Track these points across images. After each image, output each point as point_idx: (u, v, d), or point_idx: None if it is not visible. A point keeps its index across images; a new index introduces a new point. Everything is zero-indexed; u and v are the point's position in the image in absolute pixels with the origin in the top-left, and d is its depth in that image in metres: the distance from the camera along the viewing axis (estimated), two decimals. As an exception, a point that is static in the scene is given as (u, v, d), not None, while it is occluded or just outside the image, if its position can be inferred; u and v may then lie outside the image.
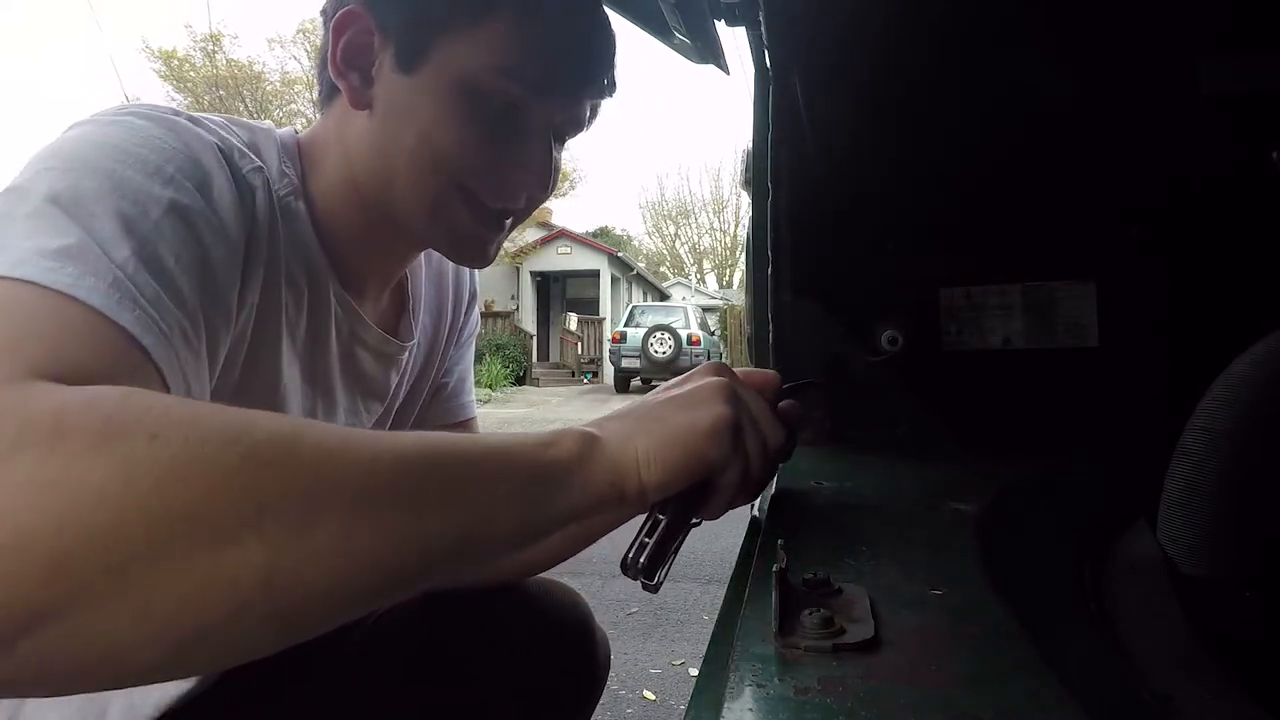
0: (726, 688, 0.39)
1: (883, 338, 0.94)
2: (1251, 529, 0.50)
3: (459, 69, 0.57)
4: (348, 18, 0.58)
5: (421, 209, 0.61)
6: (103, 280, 0.40)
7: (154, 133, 0.49)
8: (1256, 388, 0.51)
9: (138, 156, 0.47)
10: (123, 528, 0.28)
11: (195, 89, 13.93)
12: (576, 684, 0.86)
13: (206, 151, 0.51)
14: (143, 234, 0.44)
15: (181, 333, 0.45)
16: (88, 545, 0.28)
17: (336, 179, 0.62)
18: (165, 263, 0.45)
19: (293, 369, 0.61)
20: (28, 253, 0.39)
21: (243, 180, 0.54)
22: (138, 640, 0.29)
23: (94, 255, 0.41)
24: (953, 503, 0.71)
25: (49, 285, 0.38)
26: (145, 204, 0.46)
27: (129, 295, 0.41)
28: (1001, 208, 0.96)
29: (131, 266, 0.43)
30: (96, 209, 0.43)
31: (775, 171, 0.99)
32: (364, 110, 0.60)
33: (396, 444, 0.37)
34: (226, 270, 0.51)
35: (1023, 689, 0.39)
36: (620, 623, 2.68)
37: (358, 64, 0.59)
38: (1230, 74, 0.87)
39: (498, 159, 0.60)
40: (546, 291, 20.43)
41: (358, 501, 0.33)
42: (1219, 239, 0.92)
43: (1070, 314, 0.94)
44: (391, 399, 0.75)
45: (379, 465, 0.35)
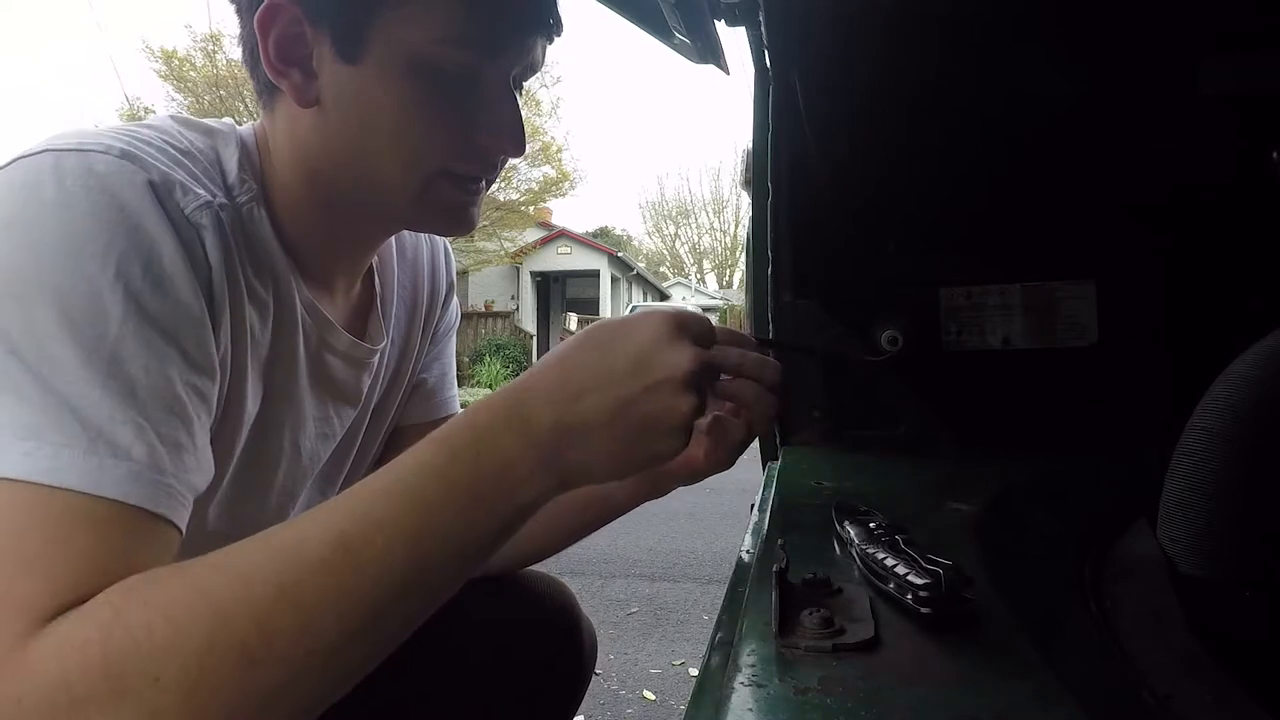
0: (726, 688, 0.39)
1: (883, 338, 0.94)
2: (1251, 529, 0.50)
3: (405, 50, 0.54)
4: (271, 11, 0.54)
5: (406, 199, 0.60)
6: (79, 447, 0.41)
7: (86, 209, 0.45)
8: (1257, 388, 0.51)
9: (78, 255, 0.44)
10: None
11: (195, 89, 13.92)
12: (563, 673, 0.86)
13: (146, 213, 0.47)
14: (108, 358, 0.43)
15: (174, 445, 0.45)
16: None
17: (293, 177, 0.60)
18: (137, 383, 0.44)
19: (256, 389, 0.59)
20: (2, 433, 0.40)
21: (187, 227, 0.50)
22: None
23: (65, 417, 0.41)
24: (953, 503, 0.71)
25: (28, 479, 0.40)
26: (101, 319, 0.44)
27: (110, 451, 0.42)
28: (1002, 207, 0.96)
29: (105, 409, 0.42)
30: (54, 348, 0.42)
31: (775, 171, 0.99)
32: (312, 107, 0.57)
33: (325, 535, 0.41)
34: (198, 339, 0.49)
35: (1023, 689, 0.39)
36: (620, 623, 2.68)
37: (294, 59, 0.56)
38: (1230, 74, 0.87)
39: (470, 131, 0.59)
40: (546, 291, 20.44)
41: (333, 626, 0.40)
42: (1219, 239, 0.92)
43: (1070, 314, 0.94)
44: (365, 401, 0.73)
45: (326, 579, 0.40)
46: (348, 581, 0.40)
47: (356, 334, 0.68)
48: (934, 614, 0.45)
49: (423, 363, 0.82)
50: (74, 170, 0.47)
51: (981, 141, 0.96)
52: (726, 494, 4.62)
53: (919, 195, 0.98)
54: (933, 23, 0.92)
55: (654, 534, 3.81)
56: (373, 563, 0.41)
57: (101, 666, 0.36)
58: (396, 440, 0.81)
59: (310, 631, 0.39)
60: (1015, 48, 0.91)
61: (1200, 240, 0.92)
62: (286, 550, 0.40)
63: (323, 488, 0.72)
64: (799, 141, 0.97)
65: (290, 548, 0.40)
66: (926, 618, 0.45)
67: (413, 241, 0.79)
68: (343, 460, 0.74)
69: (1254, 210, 0.89)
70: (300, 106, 0.57)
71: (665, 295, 24.22)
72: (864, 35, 0.93)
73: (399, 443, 0.80)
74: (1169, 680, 0.42)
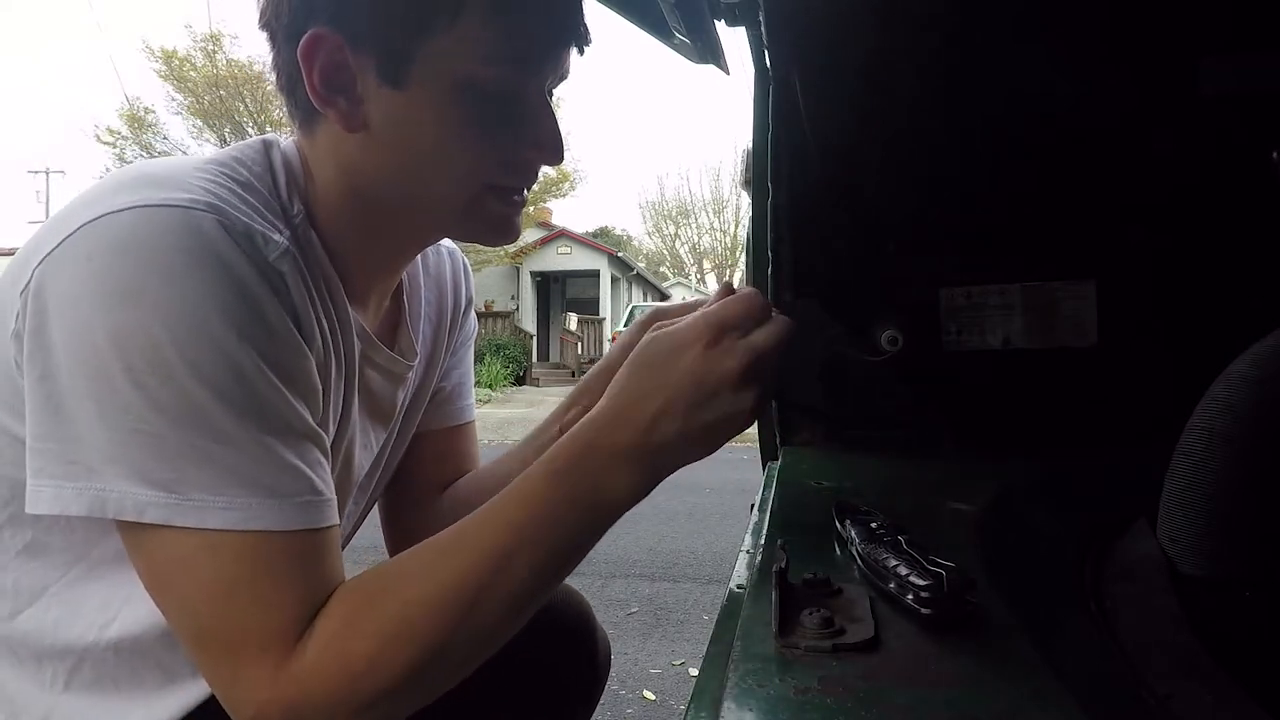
0: (726, 688, 0.39)
1: (883, 338, 0.94)
2: (1251, 529, 0.50)
3: (450, 72, 0.56)
4: (315, 41, 0.55)
5: (454, 215, 0.62)
6: (262, 495, 0.49)
7: (198, 277, 0.49)
8: (1256, 388, 0.51)
9: (205, 323, 0.48)
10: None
11: (196, 89, 13.92)
12: (578, 683, 0.86)
13: (243, 266, 0.51)
14: (257, 413, 0.50)
15: (317, 465, 0.53)
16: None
17: (337, 198, 0.61)
18: (279, 426, 0.51)
19: (336, 408, 0.62)
20: (199, 493, 0.48)
21: (275, 275, 0.53)
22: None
23: (242, 472, 0.49)
24: (953, 503, 0.71)
25: (234, 529, 0.48)
26: (241, 380, 0.49)
27: (286, 492, 0.50)
28: (1002, 207, 0.96)
29: (270, 458, 0.50)
30: (214, 417, 0.48)
31: (775, 171, 0.99)
32: (358, 132, 0.58)
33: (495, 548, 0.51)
34: (305, 372, 0.55)
35: (1023, 689, 0.39)
36: (620, 623, 2.68)
37: (340, 87, 0.57)
38: (1230, 74, 0.87)
39: (514, 144, 0.60)
40: (546, 291, 20.43)
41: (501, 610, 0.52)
42: (1219, 239, 0.92)
43: (1070, 314, 0.94)
44: (396, 414, 0.74)
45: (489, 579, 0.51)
46: (509, 603, 0.51)
47: (387, 348, 0.70)
48: (935, 615, 0.45)
49: (446, 372, 0.84)
50: (174, 231, 0.49)
51: (982, 141, 0.96)
52: (726, 494, 4.62)
53: (919, 195, 0.98)
54: (932, 23, 0.92)
55: (654, 534, 3.80)
56: (525, 583, 0.51)
57: (348, 680, 0.48)
58: (418, 445, 0.83)
59: (475, 639, 0.51)
60: (1015, 47, 0.91)
61: (1200, 240, 0.92)
62: (467, 590, 0.50)
63: (358, 497, 0.74)
64: (799, 141, 0.97)
65: (468, 585, 0.50)
66: (927, 618, 0.45)
67: (434, 257, 0.81)
68: (374, 470, 0.75)
69: (1254, 210, 0.89)
70: (347, 132, 0.58)
71: (665, 295, 24.21)
72: (864, 35, 0.93)
73: (418, 448, 0.83)
74: (1169, 680, 0.42)
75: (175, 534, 0.48)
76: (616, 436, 0.52)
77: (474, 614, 0.50)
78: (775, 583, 0.46)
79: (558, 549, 0.52)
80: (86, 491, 0.48)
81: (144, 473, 0.47)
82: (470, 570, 0.50)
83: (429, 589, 0.50)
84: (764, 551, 0.60)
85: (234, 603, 0.48)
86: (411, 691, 0.50)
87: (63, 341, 0.48)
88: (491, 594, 0.50)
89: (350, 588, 0.52)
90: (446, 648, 0.50)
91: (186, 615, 0.49)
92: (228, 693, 0.49)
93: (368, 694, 0.48)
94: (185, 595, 0.49)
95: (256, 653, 0.48)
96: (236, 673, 0.48)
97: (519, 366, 15.03)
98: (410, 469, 0.83)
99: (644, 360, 0.54)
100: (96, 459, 0.48)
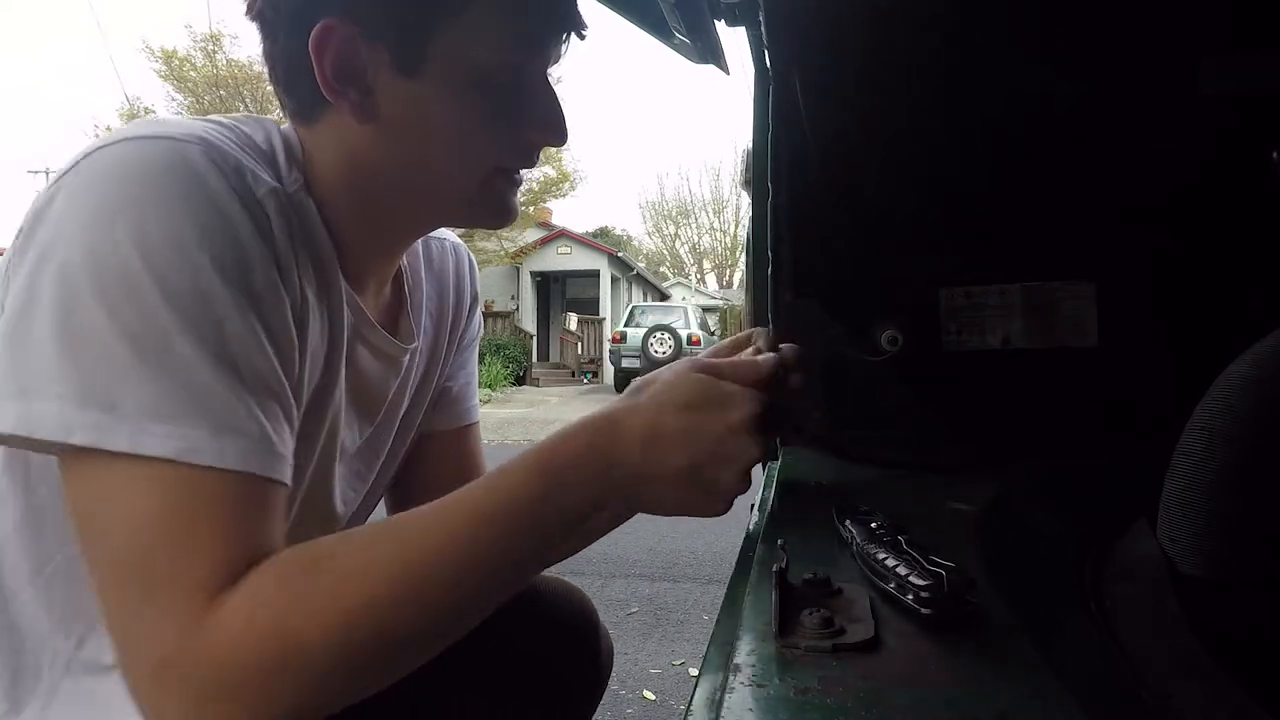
0: (726, 688, 0.39)
1: (883, 338, 0.94)
2: (1251, 529, 0.50)
3: (465, 60, 0.56)
4: (327, 33, 0.55)
5: (463, 200, 0.62)
6: (205, 428, 0.46)
7: (182, 202, 0.48)
8: (1256, 388, 0.51)
9: (181, 246, 0.48)
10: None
11: (195, 89, 13.92)
12: (580, 682, 0.86)
13: (229, 198, 0.51)
14: (217, 342, 0.48)
15: (274, 416, 0.50)
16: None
17: (336, 183, 0.61)
18: (242, 363, 0.49)
19: (314, 371, 0.61)
20: (138, 418, 0.45)
21: (259, 211, 0.52)
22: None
23: (190, 401, 0.46)
24: (953, 503, 0.71)
25: (169, 458, 0.45)
26: (209, 307, 0.48)
27: (230, 429, 0.47)
28: (1002, 207, 0.96)
29: (221, 391, 0.47)
30: (172, 337, 0.46)
31: (775, 171, 0.99)
32: (369, 123, 0.58)
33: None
34: (281, 315, 0.53)
35: (1023, 689, 0.39)
36: (620, 623, 2.68)
37: (351, 78, 0.57)
38: (1230, 74, 0.87)
39: (521, 128, 0.61)
40: (546, 291, 20.42)
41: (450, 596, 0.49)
42: (1219, 239, 0.92)
43: (1070, 314, 0.94)
44: (392, 406, 0.74)
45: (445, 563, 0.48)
46: (454, 594, 0.48)
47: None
48: (935, 615, 0.45)
49: (449, 371, 0.83)
50: (161, 160, 0.49)
51: (982, 141, 0.96)
52: (726, 494, 4.61)
53: (919, 195, 0.98)
54: (933, 23, 0.92)
55: (654, 534, 3.80)
56: (475, 576, 0.49)
57: (276, 641, 0.44)
58: (424, 446, 0.83)
59: (418, 628, 0.48)
60: (1015, 48, 0.91)
61: (1200, 240, 0.92)
62: (410, 568, 0.47)
63: (353, 483, 0.73)
64: (799, 141, 0.97)
65: (412, 562, 0.47)
66: (927, 618, 0.45)
67: (439, 252, 0.81)
68: (373, 461, 0.75)
69: (1254, 210, 0.89)
70: (359, 123, 0.58)
71: (665, 295, 24.20)
72: (864, 35, 0.93)
73: (427, 449, 0.83)
74: (1169, 680, 0.42)
75: (107, 461, 0.45)
76: (619, 454, 0.51)
77: (419, 598, 0.47)
78: (775, 583, 0.46)
79: (520, 549, 0.50)
80: (17, 409, 0.45)
81: (84, 391, 0.45)
82: (426, 553, 0.47)
83: (377, 564, 0.47)
84: (764, 551, 0.60)
85: (159, 538, 0.44)
86: (335, 674, 0.45)
87: (36, 259, 0.47)
88: (440, 581, 0.47)
89: (293, 550, 0.48)
90: (384, 631, 0.46)
91: (104, 548, 0.45)
92: (132, 641, 0.45)
93: (288, 665, 0.44)
94: (107, 526, 0.45)
95: (174, 596, 0.44)
96: (146, 617, 0.44)
97: (519, 366, 15.03)
98: (416, 470, 0.83)
99: (684, 400, 0.52)
100: (41, 377, 0.45)
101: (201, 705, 0.43)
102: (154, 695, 0.44)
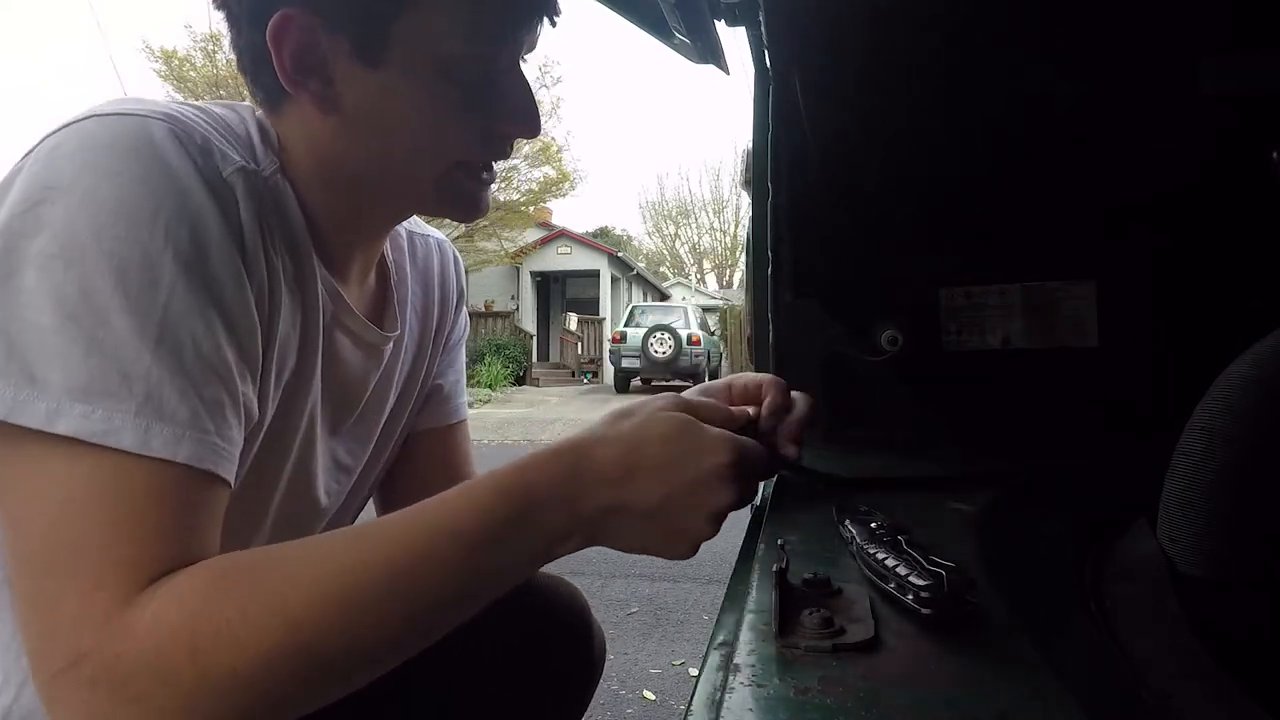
0: (726, 688, 0.39)
1: (883, 338, 0.94)
2: (1251, 529, 0.50)
3: (428, 51, 0.55)
4: (286, 22, 0.53)
5: (425, 192, 0.61)
6: (129, 410, 0.43)
7: (137, 174, 0.47)
8: (1256, 388, 0.51)
9: (130, 220, 0.46)
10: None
11: (195, 89, 13.93)
12: (574, 678, 0.86)
13: (189, 175, 0.49)
14: (158, 323, 0.45)
15: (216, 404, 0.47)
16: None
17: (304, 171, 0.60)
18: (184, 347, 0.46)
19: (287, 358, 0.59)
20: (59, 394, 0.43)
21: (224, 189, 0.51)
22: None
23: (119, 381, 0.43)
24: (953, 503, 0.71)
25: (86, 439, 0.42)
26: (154, 285, 0.46)
27: (157, 415, 0.44)
28: (1002, 208, 0.96)
29: (155, 374, 0.45)
30: (110, 313, 0.44)
31: (775, 171, 0.99)
32: (331, 114, 0.57)
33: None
34: (240, 300, 0.51)
35: (1023, 689, 0.39)
36: (620, 623, 2.68)
37: (311, 68, 0.55)
38: (1230, 74, 0.87)
39: (489, 119, 0.59)
40: (546, 291, 20.43)
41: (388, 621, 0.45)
42: (1219, 239, 0.92)
43: (1070, 314, 0.94)
44: (376, 398, 0.72)
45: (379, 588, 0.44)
46: (402, 607, 0.45)
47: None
48: (935, 615, 0.45)
49: (438, 369, 0.83)
50: (123, 135, 0.48)
51: (981, 141, 0.96)
52: (726, 494, 4.61)
53: (919, 195, 0.98)
54: (933, 23, 0.92)
55: (654, 534, 3.80)
56: (425, 593, 0.46)
57: (189, 648, 0.40)
58: (413, 445, 0.82)
59: (362, 645, 0.45)
60: (1015, 48, 0.91)
61: (1200, 240, 0.92)
62: (353, 573, 0.44)
63: (337, 475, 0.72)
64: (799, 141, 0.97)
65: (355, 570, 0.44)
66: (927, 618, 0.45)
67: (424, 249, 0.80)
68: (359, 452, 0.74)
69: (1254, 210, 0.89)
70: (322, 114, 0.57)
71: (665, 295, 24.21)
72: (864, 35, 0.93)
73: (416, 448, 0.82)
74: (1169, 680, 0.42)
75: (18, 438, 0.42)
76: (588, 486, 0.49)
77: (363, 614, 0.44)
78: (775, 583, 0.46)
79: (478, 571, 0.47)
80: None
81: (4, 359, 0.43)
82: (380, 565, 0.44)
83: (321, 572, 0.44)
84: (764, 551, 0.60)
85: (75, 524, 0.42)
86: (262, 687, 0.42)
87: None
88: (392, 594, 0.44)
89: (230, 555, 0.45)
90: (322, 644, 0.43)
91: (18, 535, 0.43)
92: (42, 636, 0.41)
93: (212, 672, 0.40)
94: (21, 509, 0.43)
95: (89, 587, 0.41)
96: (59, 609, 0.41)
97: (519, 366, 15.02)
98: (405, 468, 0.82)
99: (669, 436, 0.51)
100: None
101: (111, 710, 0.40)
102: (59, 694, 0.41)
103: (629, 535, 0.50)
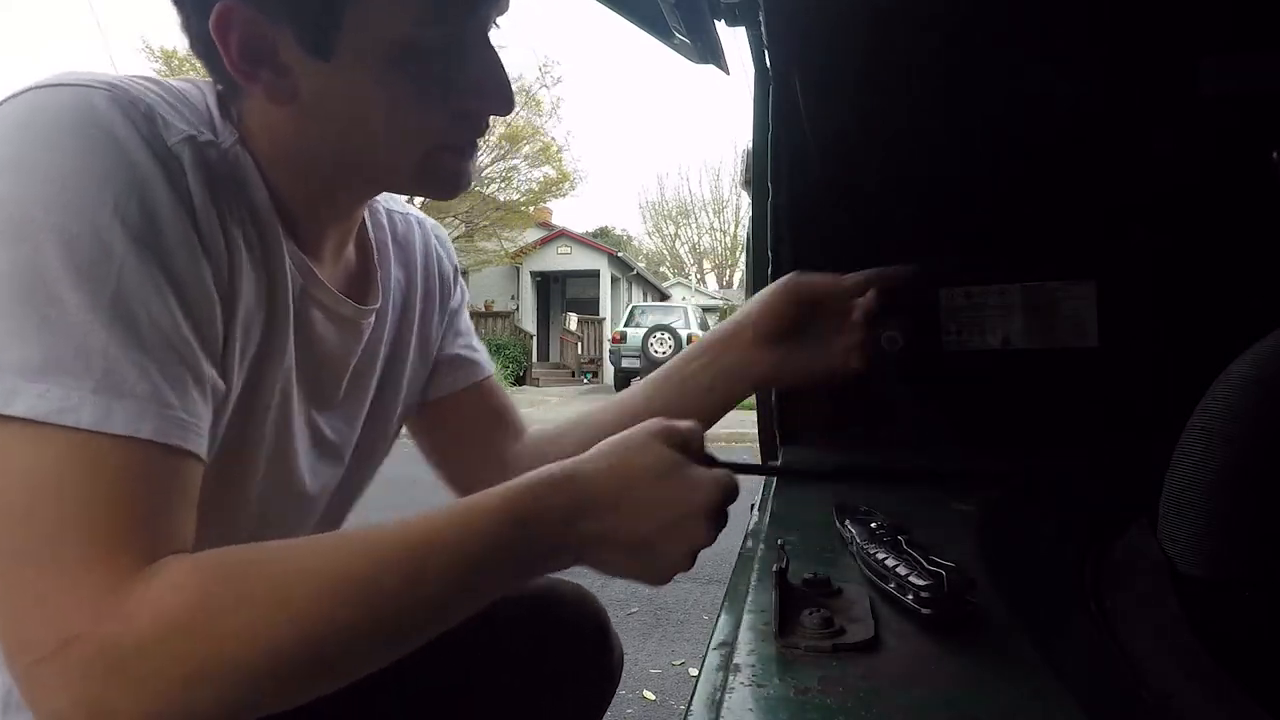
0: (726, 688, 0.39)
1: (883, 338, 0.94)
2: (1251, 529, 0.50)
3: (383, 39, 0.52)
4: (225, 15, 0.51)
5: (403, 178, 0.60)
6: (87, 388, 0.42)
7: (82, 145, 0.46)
8: (1256, 388, 0.51)
9: (77, 192, 0.45)
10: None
11: (195, 89, 13.94)
12: (591, 687, 0.86)
13: (135, 145, 0.48)
14: (111, 297, 0.44)
15: (177, 379, 0.46)
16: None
17: (270, 153, 0.58)
18: (140, 321, 0.45)
19: (252, 334, 0.57)
20: (12, 374, 0.41)
21: (170, 159, 0.49)
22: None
23: (74, 358, 0.42)
24: (953, 503, 0.71)
25: (44, 420, 0.41)
26: (104, 258, 0.44)
27: (116, 391, 0.43)
28: (1002, 208, 0.96)
29: (111, 350, 0.43)
30: (60, 289, 0.43)
31: (775, 171, 0.99)
32: (287, 105, 0.55)
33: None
34: (194, 272, 0.49)
35: (1023, 689, 0.39)
36: (620, 623, 2.67)
37: (260, 59, 0.53)
38: (1230, 74, 0.87)
39: (459, 101, 0.57)
40: (546, 291, 20.42)
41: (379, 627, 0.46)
42: (1219, 239, 0.92)
43: (1070, 314, 0.94)
44: (359, 376, 0.70)
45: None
46: (405, 613, 0.46)
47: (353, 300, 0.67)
48: (935, 615, 0.45)
49: (446, 340, 0.82)
50: (66, 106, 0.47)
51: (981, 141, 0.96)
52: (726, 494, 4.61)
53: (919, 195, 0.98)
54: (933, 23, 0.92)
55: (654, 534, 3.80)
56: (426, 601, 0.47)
57: (191, 634, 0.40)
58: (450, 408, 0.82)
59: (363, 644, 0.46)
60: (1015, 48, 0.91)
61: (1200, 240, 0.92)
62: (362, 576, 0.45)
63: (325, 459, 0.70)
64: (799, 141, 0.97)
65: (365, 572, 0.45)
66: (927, 618, 0.45)
67: (403, 225, 0.78)
68: (347, 434, 0.72)
69: (1254, 210, 0.89)
70: (277, 104, 0.55)
71: (665, 295, 24.20)
72: (864, 35, 0.93)
73: (455, 409, 0.82)
74: (1169, 680, 0.42)
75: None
76: (586, 516, 0.50)
77: (356, 613, 0.44)
78: (775, 583, 0.46)
79: (468, 584, 0.48)
80: None
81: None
82: (369, 569, 0.45)
83: (318, 572, 0.44)
84: (764, 551, 0.60)
85: (49, 507, 0.41)
86: (262, 677, 0.42)
87: None
88: (382, 597, 0.45)
89: (229, 549, 0.45)
90: (325, 635, 0.43)
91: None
92: (21, 621, 0.40)
93: (214, 661, 0.40)
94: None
95: (76, 569, 0.40)
96: (41, 593, 0.40)
97: (519, 366, 15.02)
98: (455, 431, 0.82)
99: (661, 474, 0.52)
100: None
101: (104, 693, 0.39)
102: (44, 680, 0.39)
103: (611, 563, 0.52)
